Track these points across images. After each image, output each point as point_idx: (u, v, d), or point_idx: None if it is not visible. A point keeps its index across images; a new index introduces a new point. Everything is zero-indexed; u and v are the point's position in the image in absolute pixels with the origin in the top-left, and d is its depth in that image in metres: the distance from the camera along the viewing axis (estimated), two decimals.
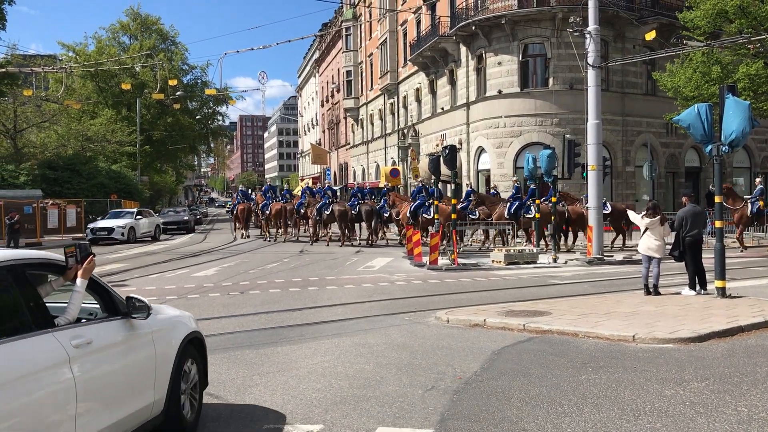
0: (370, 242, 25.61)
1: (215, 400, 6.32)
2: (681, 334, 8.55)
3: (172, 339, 5.25)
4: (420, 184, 24.94)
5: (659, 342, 8.39)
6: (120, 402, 4.38)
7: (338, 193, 34.83)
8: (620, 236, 23.00)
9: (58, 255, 4.55)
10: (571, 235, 23.37)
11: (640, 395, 6.21)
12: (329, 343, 8.71)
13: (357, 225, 27.31)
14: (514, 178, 25.44)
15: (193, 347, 5.59)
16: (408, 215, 23.53)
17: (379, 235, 26.98)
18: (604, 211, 21.36)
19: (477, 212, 22.67)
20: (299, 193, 31.67)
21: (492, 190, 25.66)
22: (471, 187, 26.40)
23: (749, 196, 22.80)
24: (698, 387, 6.46)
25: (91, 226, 31.91)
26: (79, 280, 4.34)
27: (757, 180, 24.92)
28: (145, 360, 4.78)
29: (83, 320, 4.41)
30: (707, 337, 8.55)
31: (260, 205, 30.87)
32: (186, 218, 42.55)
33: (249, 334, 9.48)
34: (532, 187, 22.28)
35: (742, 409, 5.78)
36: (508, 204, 22.44)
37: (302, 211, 27.89)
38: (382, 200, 26.32)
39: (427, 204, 22.95)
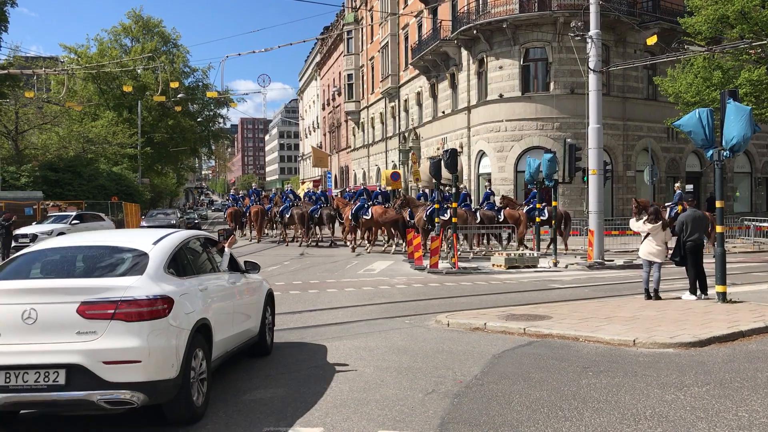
0: (327, 244, 28.17)
1: (216, 401, 6.31)
2: (682, 339, 8.54)
3: (263, 290, 8.36)
4: (362, 187, 26.73)
5: (660, 347, 8.39)
6: (245, 320, 7.47)
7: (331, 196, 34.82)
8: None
9: (214, 235, 8.39)
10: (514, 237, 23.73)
11: (640, 400, 6.20)
12: (329, 346, 8.71)
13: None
14: (462, 186, 25.29)
15: (270, 299, 8.61)
16: (350, 217, 24.85)
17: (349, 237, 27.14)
18: (542, 217, 22.03)
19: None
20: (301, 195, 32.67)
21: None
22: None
23: (669, 203, 22.99)
24: (699, 392, 6.45)
25: (17, 231, 26.11)
26: (226, 249, 7.58)
27: (677, 185, 25.09)
28: (252, 299, 7.87)
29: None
30: (708, 342, 8.54)
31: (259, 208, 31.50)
32: (174, 222, 36.79)
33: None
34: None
35: (742, 414, 5.77)
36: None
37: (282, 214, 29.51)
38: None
39: (366, 206, 24.33)
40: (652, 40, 22.43)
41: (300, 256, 23.06)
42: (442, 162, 19.51)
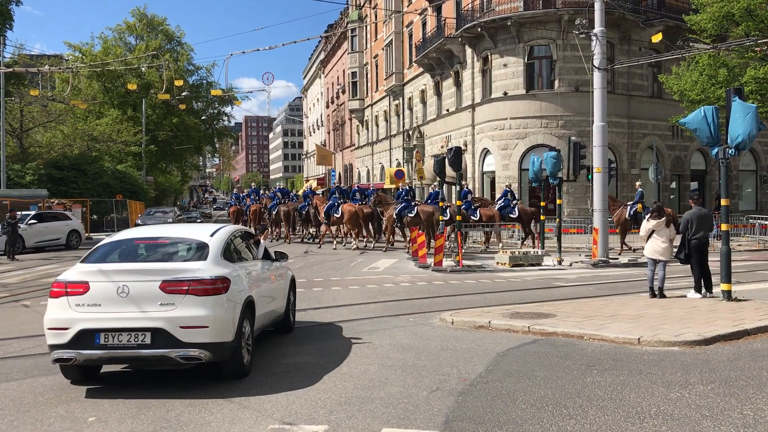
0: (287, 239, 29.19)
1: (220, 399, 6.33)
2: (686, 337, 8.52)
3: (288, 276, 9.80)
4: (334, 186, 27.83)
5: (665, 345, 8.37)
6: (276, 300, 8.85)
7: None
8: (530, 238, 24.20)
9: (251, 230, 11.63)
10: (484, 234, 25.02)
11: (645, 398, 6.19)
12: (334, 344, 8.72)
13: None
14: (434, 184, 25.58)
15: (293, 284, 10.02)
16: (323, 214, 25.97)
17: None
18: (512, 215, 23.17)
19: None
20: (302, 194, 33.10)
21: (506, 188, 25.73)
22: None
23: (630, 202, 23.10)
24: (704, 390, 6.44)
25: None
26: (261, 241, 9.40)
27: (637, 183, 25.26)
28: (281, 283, 9.24)
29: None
30: (713, 341, 8.52)
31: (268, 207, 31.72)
32: (169, 221, 35.69)
33: None
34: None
35: (747, 412, 5.76)
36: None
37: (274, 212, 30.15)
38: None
39: (337, 204, 25.58)
40: (657, 38, 22.37)
41: (304, 254, 23.08)
42: (447, 160, 19.50)
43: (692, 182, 35.65)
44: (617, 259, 19.82)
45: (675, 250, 12.53)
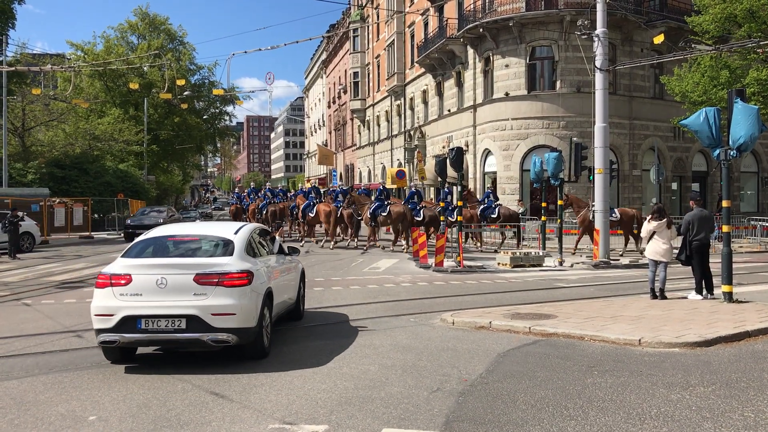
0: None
1: (221, 399, 6.34)
2: (687, 339, 8.52)
3: (299, 269, 10.84)
4: (310, 186, 28.99)
5: (665, 346, 8.37)
6: (289, 290, 9.86)
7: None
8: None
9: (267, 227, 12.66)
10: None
11: (645, 399, 6.19)
12: (334, 344, 8.72)
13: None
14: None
15: (303, 276, 11.12)
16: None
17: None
18: (492, 215, 23.90)
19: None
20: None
21: (488, 190, 26.67)
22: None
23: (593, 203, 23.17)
24: (704, 392, 6.43)
25: None
26: (277, 237, 10.88)
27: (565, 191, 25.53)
28: (293, 275, 10.27)
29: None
30: (714, 342, 8.51)
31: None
32: (161, 221, 32.10)
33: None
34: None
35: (748, 414, 5.76)
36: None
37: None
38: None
39: (313, 204, 26.84)
40: (659, 39, 22.36)
41: (306, 254, 23.06)
42: (448, 160, 19.49)
43: (693, 183, 35.62)
44: (618, 260, 19.81)
45: (675, 251, 12.53)
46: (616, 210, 22.02)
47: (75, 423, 5.74)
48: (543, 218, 21.52)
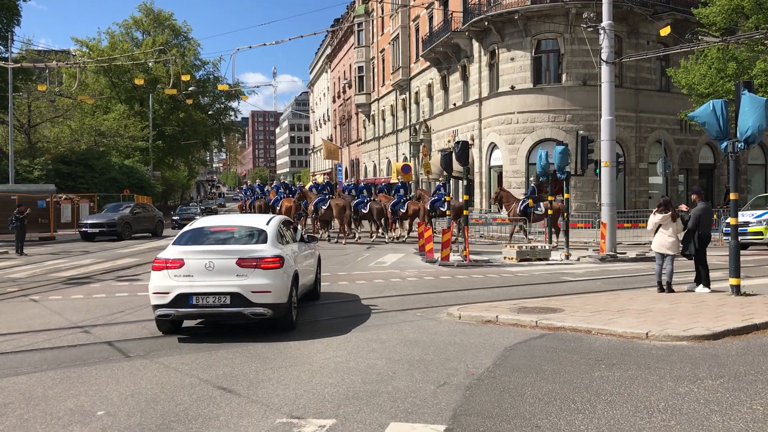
0: None
1: (228, 393, 6.35)
2: (695, 332, 8.49)
3: (316, 255, 12.18)
4: (279, 183, 30.78)
5: (673, 339, 8.34)
6: (309, 273, 11.12)
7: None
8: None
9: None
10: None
11: (653, 393, 6.17)
12: (341, 339, 8.73)
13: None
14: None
15: (319, 261, 12.52)
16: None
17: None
18: (442, 208, 24.07)
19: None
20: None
21: (439, 183, 27.59)
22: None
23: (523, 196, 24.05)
24: (713, 385, 6.41)
25: None
26: (299, 227, 12.80)
27: (531, 179, 25.68)
28: (312, 261, 11.56)
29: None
30: (722, 335, 8.48)
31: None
32: (115, 219, 29.53)
33: (261, 328, 9.50)
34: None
35: (757, 407, 5.73)
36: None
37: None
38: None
39: (280, 199, 28.53)
40: (665, 31, 22.26)
41: None
42: (453, 154, 19.46)
43: (696, 178, 35.48)
44: (625, 253, 19.76)
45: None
46: (541, 204, 22.49)
47: (83, 418, 5.75)
48: (549, 212, 21.48)
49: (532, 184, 23.82)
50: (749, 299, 11.05)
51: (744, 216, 21.44)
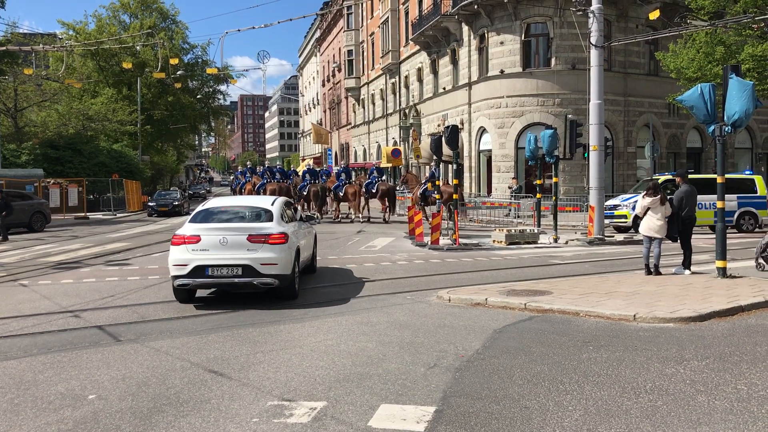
0: None
1: (219, 377, 6.38)
2: (682, 314, 8.59)
3: (313, 233, 13.33)
4: (247, 168, 30.90)
5: (660, 321, 8.44)
6: (308, 249, 12.30)
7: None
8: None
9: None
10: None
11: (640, 374, 6.26)
12: (332, 322, 8.77)
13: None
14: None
15: (315, 238, 13.66)
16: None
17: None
18: (372, 191, 27.60)
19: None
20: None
21: (373, 167, 30.57)
22: (375, 168, 30.19)
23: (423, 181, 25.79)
24: (699, 366, 6.51)
25: None
26: (299, 208, 19.15)
27: (431, 164, 27.06)
28: (310, 238, 12.75)
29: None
30: (708, 317, 8.59)
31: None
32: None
33: (252, 312, 9.54)
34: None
35: (741, 387, 5.83)
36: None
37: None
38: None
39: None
40: (654, 15, 22.25)
41: None
42: (443, 139, 19.47)
43: (683, 161, 35.66)
44: (613, 236, 19.89)
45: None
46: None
47: (75, 402, 5.77)
48: (538, 195, 21.55)
49: (432, 170, 24.85)
50: (735, 281, 11.18)
51: (615, 199, 23.37)
